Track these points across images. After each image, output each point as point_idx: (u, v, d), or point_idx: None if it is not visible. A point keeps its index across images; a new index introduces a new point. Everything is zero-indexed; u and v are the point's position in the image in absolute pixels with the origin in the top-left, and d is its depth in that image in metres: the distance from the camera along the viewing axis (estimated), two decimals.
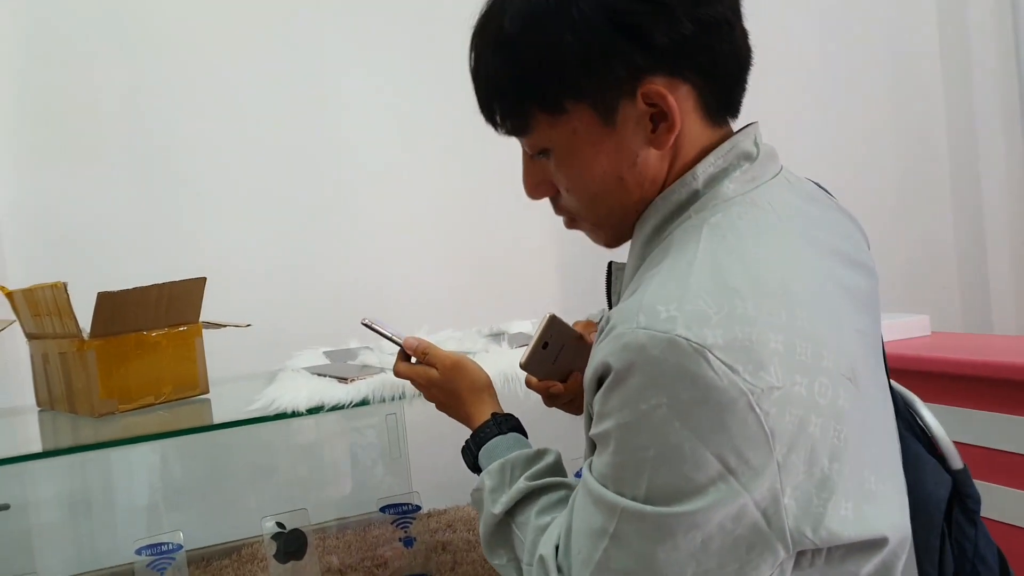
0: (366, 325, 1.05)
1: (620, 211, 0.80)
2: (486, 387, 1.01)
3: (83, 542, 1.64)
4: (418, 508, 1.54)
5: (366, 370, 1.32)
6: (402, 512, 1.52)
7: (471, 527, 1.72)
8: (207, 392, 1.41)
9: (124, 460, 1.63)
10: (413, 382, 1.05)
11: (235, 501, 1.76)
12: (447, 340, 1.54)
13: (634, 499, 0.66)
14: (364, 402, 1.20)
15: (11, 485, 1.54)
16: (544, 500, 0.84)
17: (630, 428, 0.66)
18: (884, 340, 0.84)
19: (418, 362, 1.04)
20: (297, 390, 1.20)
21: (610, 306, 0.94)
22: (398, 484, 1.73)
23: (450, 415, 1.02)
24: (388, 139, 2.20)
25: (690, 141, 0.77)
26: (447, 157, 2.22)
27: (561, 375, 1.04)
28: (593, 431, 0.72)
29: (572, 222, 0.86)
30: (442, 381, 1.01)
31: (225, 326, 1.48)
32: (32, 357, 1.47)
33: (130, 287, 1.29)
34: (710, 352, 0.63)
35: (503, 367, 1.27)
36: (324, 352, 1.56)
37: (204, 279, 1.38)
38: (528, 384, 1.06)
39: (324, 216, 2.14)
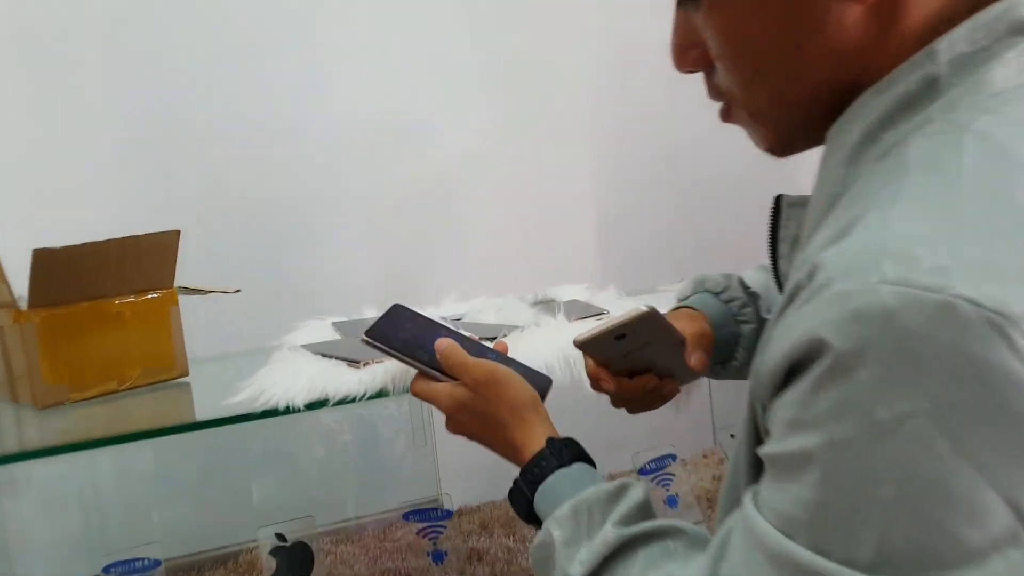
0: (367, 342, 0.80)
1: (793, 98, 0.54)
2: (532, 404, 0.75)
3: (50, 554, 1.38)
4: (449, 514, 1.26)
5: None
6: (430, 519, 1.25)
7: (511, 530, 1.44)
8: (186, 374, 1.13)
9: (94, 454, 1.35)
10: (435, 404, 0.79)
11: (231, 500, 1.49)
12: (484, 309, 1.25)
13: (849, 564, 0.42)
14: (382, 393, 0.91)
15: None
16: (647, 553, 0.61)
17: (854, 449, 0.42)
18: None
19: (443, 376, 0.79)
20: (294, 377, 0.92)
21: (775, 257, 0.67)
22: (424, 477, 1.45)
23: (487, 446, 0.77)
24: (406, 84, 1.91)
25: (920, 1, 0.49)
26: (480, 101, 1.94)
27: (629, 370, 0.80)
28: (772, 448, 0.47)
29: (727, 113, 0.60)
30: (474, 401, 0.76)
31: (209, 292, 1.20)
32: None
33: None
34: (1015, 327, 0.39)
35: (562, 345, 0.98)
36: (333, 324, 1.28)
37: (178, 232, 1.09)
38: (586, 366, 0.82)
39: (333, 156, 1.85)
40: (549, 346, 0.99)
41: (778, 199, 0.67)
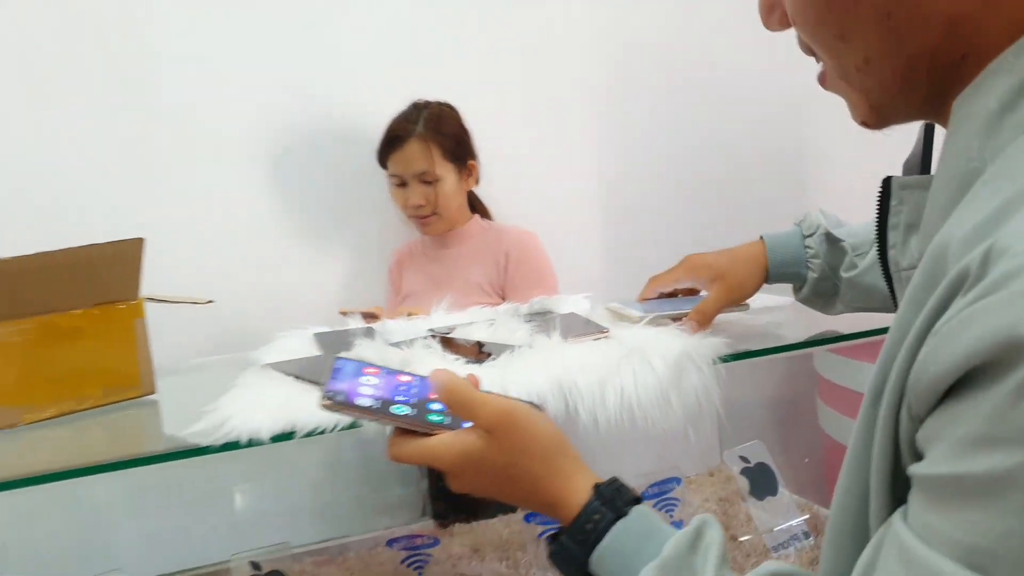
0: (330, 408, 0.65)
1: (886, 67, 0.49)
2: (561, 447, 0.64)
3: None
4: (436, 542, 1.18)
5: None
6: (415, 548, 1.16)
7: (505, 553, 1.36)
8: (152, 391, 1.05)
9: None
10: (433, 465, 0.65)
11: (197, 525, 1.40)
12: (475, 322, 1.16)
13: None
14: (354, 425, 0.82)
15: None
16: None
17: None
18: None
19: (424, 433, 0.65)
20: (258, 406, 0.83)
21: (883, 243, 0.61)
22: (411, 502, 1.36)
23: (510, 502, 0.65)
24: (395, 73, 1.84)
25: None
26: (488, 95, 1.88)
27: None
28: (946, 467, 0.39)
29: (824, 76, 0.55)
30: (488, 451, 0.63)
31: (178, 302, 1.11)
32: None
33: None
34: None
35: (556, 371, 0.89)
36: (315, 335, 1.19)
37: (142, 240, 1.01)
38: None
39: (317, 156, 1.78)
40: (542, 369, 0.90)
41: (887, 181, 0.61)
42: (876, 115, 0.53)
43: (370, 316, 1.41)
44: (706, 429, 1.07)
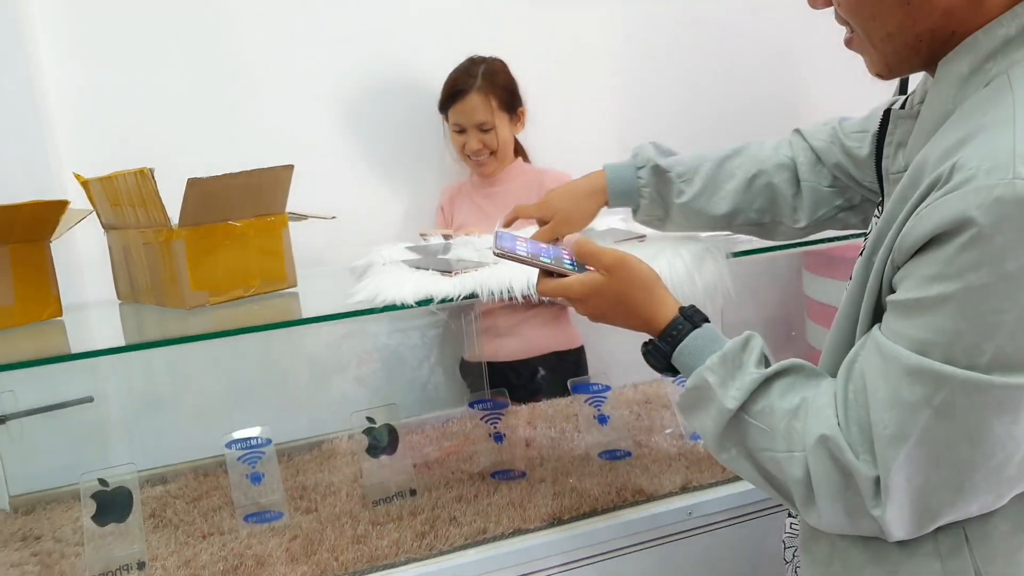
0: (500, 254, 0.92)
1: (901, 39, 0.72)
2: (656, 280, 0.90)
3: (170, 435, 1.64)
4: (506, 405, 1.51)
5: (462, 263, 1.26)
6: (491, 408, 1.50)
7: (551, 423, 1.70)
8: (295, 285, 1.36)
9: (209, 355, 1.60)
10: (567, 297, 0.91)
11: (313, 398, 1.75)
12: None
13: (971, 368, 0.63)
14: (472, 295, 1.14)
15: (95, 378, 1.53)
16: (780, 385, 0.78)
17: (987, 290, 0.61)
18: None
19: (557, 275, 0.92)
20: (401, 283, 1.15)
21: (879, 161, 0.87)
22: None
23: (618, 323, 0.91)
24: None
25: None
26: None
27: None
28: (912, 293, 0.66)
29: (850, 40, 0.77)
30: (610, 284, 0.88)
31: (309, 217, 1.42)
32: (111, 249, 1.42)
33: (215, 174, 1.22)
34: None
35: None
36: (407, 248, 1.50)
37: (291, 167, 1.31)
38: None
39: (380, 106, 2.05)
40: None
41: (887, 111, 0.84)
42: (888, 70, 0.75)
43: (446, 236, 1.72)
44: (714, 321, 1.38)
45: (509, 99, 2.06)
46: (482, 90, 2.01)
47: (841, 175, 1.11)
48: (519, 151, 2.20)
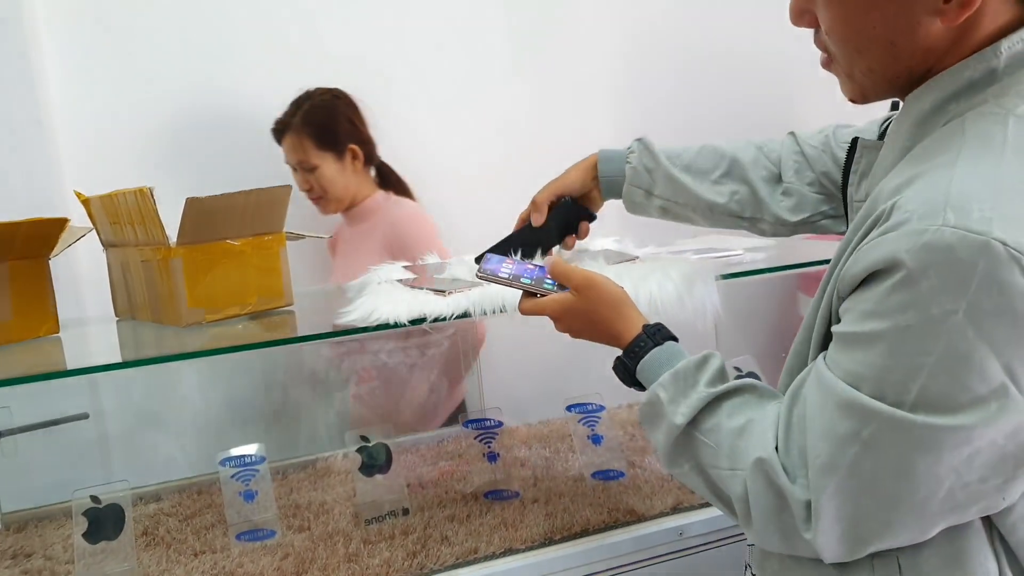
0: (483, 277, 0.97)
1: (881, 73, 0.74)
2: (624, 299, 0.94)
3: (165, 452, 1.64)
4: (500, 424, 1.52)
5: (458, 283, 1.28)
6: (486, 427, 1.50)
7: (546, 443, 1.70)
8: (291, 303, 1.38)
9: (205, 372, 1.61)
10: (547, 315, 0.97)
11: (309, 416, 1.76)
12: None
13: (897, 405, 0.64)
14: (465, 315, 1.16)
15: (90, 395, 1.53)
16: (729, 404, 0.81)
17: (912, 331, 0.63)
18: None
19: (539, 295, 0.97)
20: (396, 302, 1.16)
21: (845, 186, 0.89)
22: (472, 401, 1.71)
23: (591, 339, 0.95)
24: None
25: (990, 16, 0.69)
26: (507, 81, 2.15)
27: None
28: (850, 327, 0.68)
29: (828, 63, 0.78)
30: (579, 303, 0.93)
31: (307, 236, 1.44)
32: (109, 266, 1.44)
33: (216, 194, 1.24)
34: None
35: None
36: (403, 267, 1.52)
37: (289, 187, 1.33)
38: None
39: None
40: None
41: (855, 140, 0.86)
42: (863, 98, 0.77)
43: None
44: (706, 343, 1.40)
45: (327, 137, 1.96)
46: (295, 129, 1.95)
47: (828, 183, 1.13)
48: (392, 184, 2.11)
